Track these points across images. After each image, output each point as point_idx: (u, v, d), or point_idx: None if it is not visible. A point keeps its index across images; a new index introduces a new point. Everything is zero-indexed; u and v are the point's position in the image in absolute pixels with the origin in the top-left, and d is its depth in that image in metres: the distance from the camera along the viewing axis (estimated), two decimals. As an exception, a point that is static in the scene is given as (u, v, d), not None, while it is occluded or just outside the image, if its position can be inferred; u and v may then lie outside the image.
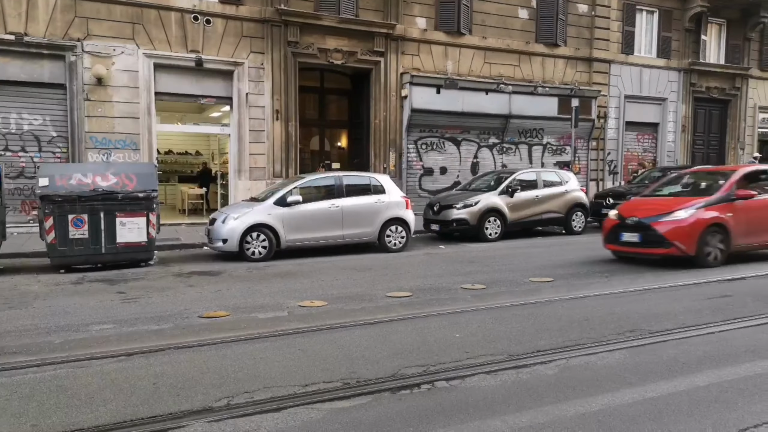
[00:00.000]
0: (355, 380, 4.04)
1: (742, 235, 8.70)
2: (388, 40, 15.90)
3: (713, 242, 8.58)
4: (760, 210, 8.96)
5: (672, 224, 8.45)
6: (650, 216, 8.77)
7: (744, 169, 9.52)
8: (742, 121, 21.97)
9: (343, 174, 11.47)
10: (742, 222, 8.68)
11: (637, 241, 8.77)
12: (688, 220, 8.44)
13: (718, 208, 8.65)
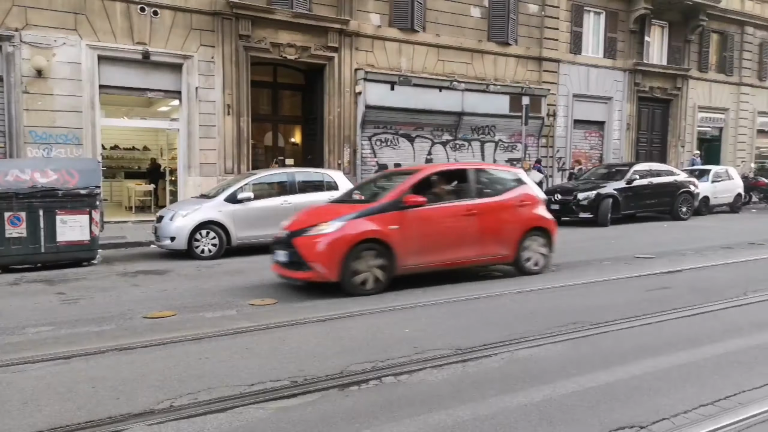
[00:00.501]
0: (303, 378, 4.02)
1: (414, 253, 6.88)
2: (341, 36, 15.83)
3: (366, 263, 6.64)
4: (439, 221, 7.17)
5: (312, 240, 6.58)
6: (299, 229, 6.93)
7: (431, 169, 7.88)
8: (682, 119, 22.93)
9: (296, 170, 11.37)
10: (414, 236, 6.87)
11: (284, 261, 6.93)
12: (332, 235, 6.55)
13: (381, 218, 6.76)
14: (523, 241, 7.73)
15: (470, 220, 7.30)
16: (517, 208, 7.76)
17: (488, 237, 7.47)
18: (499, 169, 9.28)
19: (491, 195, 7.76)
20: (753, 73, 24.85)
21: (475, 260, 7.55)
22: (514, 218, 7.70)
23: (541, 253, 7.94)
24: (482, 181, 7.94)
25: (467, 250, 7.33)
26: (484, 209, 7.47)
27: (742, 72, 24.46)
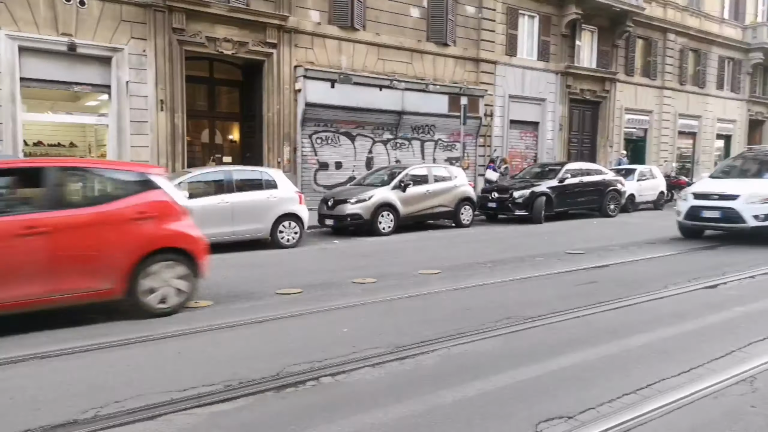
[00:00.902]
0: (238, 381, 3.93)
1: None
2: (280, 32, 15.60)
3: None
4: None
5: None
6: None
7: None
8: (611, 121, 24.02)
9: (233, 168, 11.11)
10: None
11: None
12: None
13: None
14: (143, 267, 5.63)
15: (35, 242, 5.10)
16: (132, 223, 5.64)
17: (71, 265, 5.29)
18: (110, 168, 6.49)
19: (86, 204, 5.70)
20: (674, 78, 26.34)
21: (46, 300, 5.23)
22: (125, 236, 5.60)
23: (176, 286, 5.84)
24: (73, 184, 5.88)
25: (26, 286, 5.08)
26: (62, 225, 5.27)
27: (664, 76, 25.88)
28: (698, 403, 3.51)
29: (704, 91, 27.80)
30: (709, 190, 10.82)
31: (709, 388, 3.70)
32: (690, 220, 10.88)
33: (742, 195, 10.10)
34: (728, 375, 3.92)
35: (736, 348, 4.50)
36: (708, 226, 10.86)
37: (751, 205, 10.00)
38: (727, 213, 10.22)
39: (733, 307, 5.81)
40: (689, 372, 4.00)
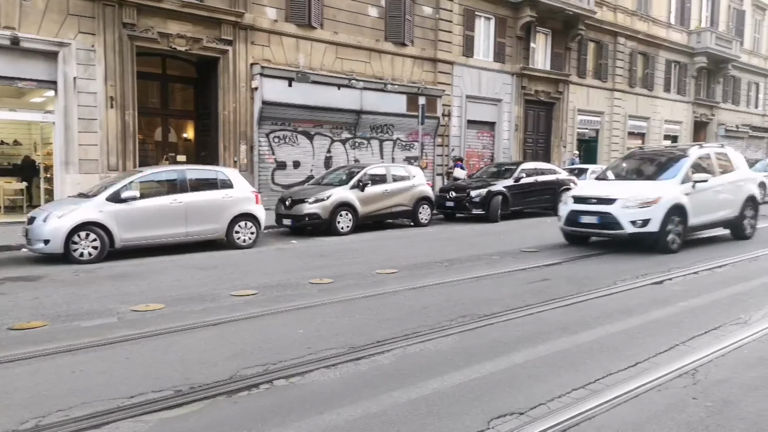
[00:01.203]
0: (189, 386, 3.84)
1: None
2: (236, 29, 15.34)
3: None
4: None
5: None
6: None
7: None
8: (564, 122, 24.63)
9: (187, 167, 10.85)
10: None
11: None
12: None
13: None
14: None
15: None
16: None
17: None
18: None
19: None
20: (624, 80, 27.21)
21: None
22: None
23: None
24: None
25: None
26: None
27: (615, 79, 26.70)
28: (643, 396, 3.62)
29: (652, 93, 28.84)
30: (588, 194, 10.00)
31: (654, 381, 3.83)
32: (569, 226, 10.09)
33: (619, 199, 9.28)
34: (672, 368, 4.06)
35: (679, 342, 4.68)
36: (586, 232, 10.08)
37: (628, 209, 9.16)
38: (605, 218, 9.38)
39: (677, 303, 6.04)
40: (635, 366, 4.14)
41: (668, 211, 9.10)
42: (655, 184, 9.71)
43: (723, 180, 10.33)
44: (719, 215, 10.26)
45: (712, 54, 30.26)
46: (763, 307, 5.74)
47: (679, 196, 9.35)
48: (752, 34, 35.15)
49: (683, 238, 9.46)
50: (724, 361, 4.22)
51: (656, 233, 9.08)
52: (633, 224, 9.11)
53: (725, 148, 11.23)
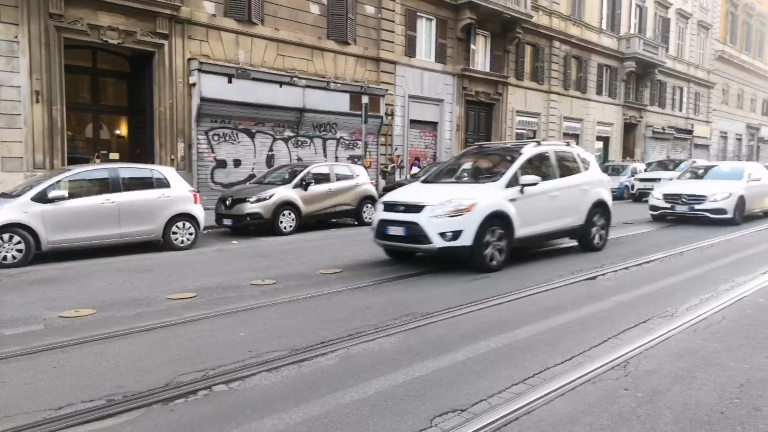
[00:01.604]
0: (122, 395, 3.68)
1: None
2: (172, 23, 14.85)
3: None
4: None
5: None
6: None
7: None
8: (503, 122, 25.27)
9: (120, 166, 10.39)
10: None
11: None
12: None
13: None
14: None
15: None
16: None
17: None
18: None
19: None
20: (559, 83, 28.21)
21: None
22: None
23: None
24: None
25: None
26: None
27: (551, 81, 27.63)
28: (579, 389, 3.75)
29: (586, 95, 30.04)
30: (397, 199, 8.30)
31: (589, 374, 3.97)
32: (380, 239, 8.27)
33: (428, 206, 7.62)
34: (605, 361, 4.23)
35: (612, 335, 4.87)
36: (395, 246, 8.32)
37: (437, 219, 7.49)
38: (411, 229, 7.66)
39: (609, 297, 6.30)
40: (571, 360, 4.28)
41: (485, 221, 7.53)
42: (474, 188, 8.25)
43: (563, 183, 8.94)
44: (559, 224, 8.89)
45: (640, 59, 31.83)
46: (687, 301, 6.07)
47: (502, 202, 7.85)
48: (676, 41, 37.23)
49: (507, 252, 7.91)
50: (653, 353, 4.43)
51: (469, 247, 7.48)
52: (442, 237, 7.45)
53: (572, 146, 10.04)
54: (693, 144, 39.56)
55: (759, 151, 49.45)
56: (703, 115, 41.26)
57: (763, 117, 50.33)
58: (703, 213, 13.11)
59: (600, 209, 9.58)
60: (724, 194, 13.05)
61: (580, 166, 9.58)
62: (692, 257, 9.05)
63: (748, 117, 47.79)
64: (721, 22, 41.98)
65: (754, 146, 49.27)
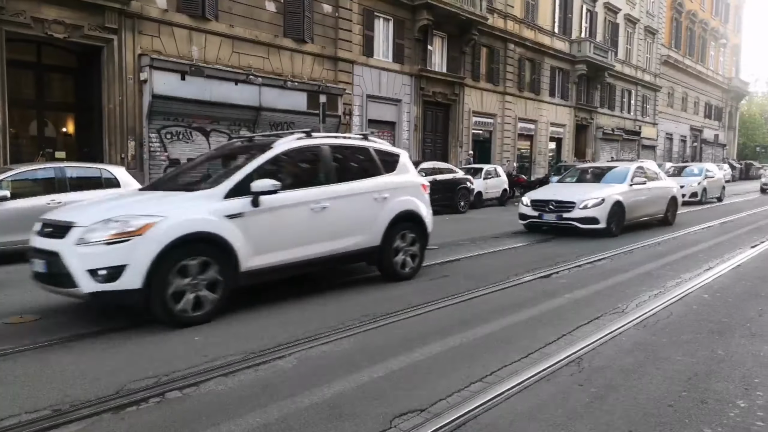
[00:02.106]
0: (69, 404, 3.52)
1: None
2: (122, 17, 14.36)
3: None
4: None
5: None
6: None
7: None
8: (460, 123, 25.56)
9: (66, 165, 9.99)
10: None
11: None
12: None
13: None
14: None
15: None
16: None
17: None
18: None
19: None
20: (514, 84, 28.75)
21: None
22: None
23: None
24: None
25: None
26: None
27: (506, 83, 28.14)
28: (534, 386, 3.81)
29: (539, 97, 30.73)
30: (51, 218, 5.56)
31: (544, 371, 4.05)
32: None
33: (77, 226, 5.03)
34: (560, 357, 4.31)
35: (566, 332, 4.98)
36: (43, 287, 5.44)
37: (89, 247, 4.89)
38: (51, 265, 5.04)
39: (563, 294, 6.44)
40: (527, 357, 4.35)
41: (162, 253, 4.95)
42: (172, 200, 5.61)
43: (341, 190, 6.53)
44: (334, 246, 6.43)
45: (590, 62, 32.78)
46: (636, 297, 6.28)
47: (208, 220, 5.34)
48: (625, 45, 38.53)
49: (220, 300, 5.38)
50: (605, 349, 4.55)
51: (138, 292, 4.92)
52: (93, 276, 4.83)
53: (371, 140, 7.57)
54: (641, 145, 41.04)
55: (702, 152, 51.77)
56: (650, 117, 42.87)
57: (705, 119, 52.71)
58: (571, 223, 11.17)
59: (408, 225, 7.28)
60: (596, 200, 11.09)
61: (379, 166, 7.22)
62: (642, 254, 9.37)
63: (691, 119, 49.95)
64: (666, 28, 43.72)
65: (698, 147, 51.53)
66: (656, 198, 12.99)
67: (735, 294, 6.47)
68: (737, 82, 57.55)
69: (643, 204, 12.41)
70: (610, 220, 11.16)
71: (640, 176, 12.52)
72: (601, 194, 11.29)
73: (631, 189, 11.95)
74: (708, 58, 51.68)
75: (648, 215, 12.79)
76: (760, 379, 3.92)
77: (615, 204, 11.29)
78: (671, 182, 14.51)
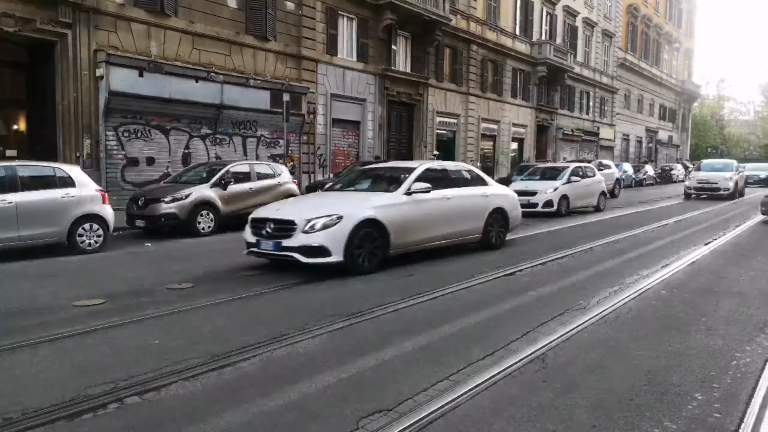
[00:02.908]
0: (21, 412, 3.37)
1: None
2: (76, 11, 13.90)
3: None
4: None
5: None
6: None
7: None
8: (424, 123, 25.71)
9: (17, 163, 9.59)
10: None
11: None
12: None
13: None
14: None
15: None
16: None
17: None
18: None
19: None
20: (477, 85, 29.08)
21: None
22: None
23: None
24: None
25: None
26: None
27: (469, 84, 28.43)
28: (500, 382, 3.84)
29: (502, 98, 31.17)
30: None
31: (510, 368, 4.08)
32: None
33: None
34: (524, 354, 4.36)
35: (530, 329, 5.04)
36: None
37: None
38: None
39: (527, 292, 6.53)
40: (492, 354, 4.38)
41: None
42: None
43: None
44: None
45: (551, 64, 33.43)
46: (598, 293, 6.41)
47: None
48: (583, 48, 39.45)
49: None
50: (569, 345, 4.63)
51: None
52: None
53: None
54: (599, 146, 42.10)
55: (657, 152, 53.48)
56: (608, 118, 44.01)
57: (660, 121, 54.47)
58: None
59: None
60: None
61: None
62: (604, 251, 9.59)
63: (647, 121, 51.54)
64: (623, 32, 44.97)
65: (653, 148, 53.21)
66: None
67: (691, 290, 6.68)
68: (690, 85, 59.69)
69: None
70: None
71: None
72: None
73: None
74: (662, 62, 53.42)
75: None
76: (716, 372, 4.05)
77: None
78: None
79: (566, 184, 16.27)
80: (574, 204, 16.43)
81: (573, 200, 16.35)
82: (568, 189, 16.20)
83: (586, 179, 17.28)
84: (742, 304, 6.02)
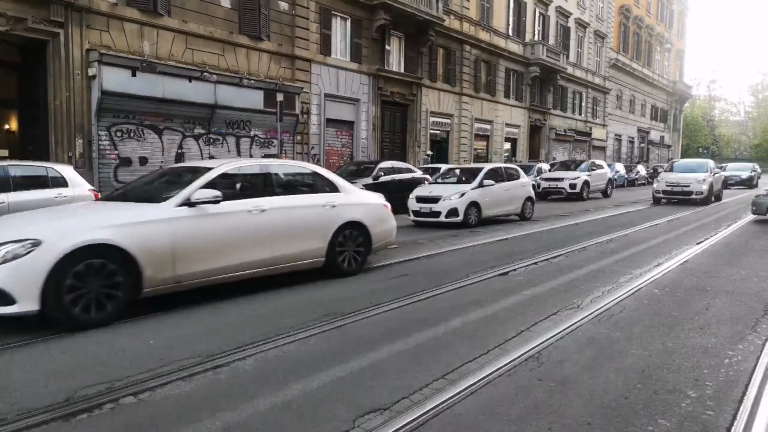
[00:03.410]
0: (16, 413, 3.35)
1: None
2: (69, 10, 13.80)
3: None
4: None
5: None
6: None
7: None
8: (418, 123, 25.73)
9: (9, 163, 9.53)
10: None
11: None
12: None
13: None
14: None
15: None
16: None
17: None
18: None
19: None
20: (470, 85, 29.14)
21: None
22: None
23: None
24: None
25: None
26: None
27: (462, 84, 28.48)
28: (495, 381, 3.86)
29: (495, 98, 31.25)
30: None
31: (504, 367, 4.10)
32: None
33: None
34: (519, 353, 4.38)
35: (525, 328, 5.07)
36: None
37: None
38: None
39: (521, 291, 6.56)
40: (488, 353, 4.40)
41: None
42: None
43: None
44: None
45: (543, 65, 33.56)
46: (591, 292, 6.45)
47: None
48: (576, 49, 39.62)
49: None
50: (563, 344, 4.66)
51: None
52: None
53: None
54: (591, 146, 42.30)
55: (649, 152, 53.79)
56: (600, 119, 44.23)
57: (652, 121, 54.79)
58: None
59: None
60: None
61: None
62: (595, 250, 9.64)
63: (639, 121, 51.84)
64: (614, 32, 45.20)
65: (645, 148, 53.52)
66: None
67: (683, 288, 6.73)
68: (681, 86, 60.10)
69: None
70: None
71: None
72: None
73: None
74: (654, 62, 53.75)
75: None
76: (709, 370, 4.09)
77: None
78: None
79: (477, 189, 13.44)
80: (489, 212, 13.75)
81: (487, 208, 13.63)
82: (478, 194, 13.41)
83: (504, 182, 14.45)
84: (734, 302, 6.07)
